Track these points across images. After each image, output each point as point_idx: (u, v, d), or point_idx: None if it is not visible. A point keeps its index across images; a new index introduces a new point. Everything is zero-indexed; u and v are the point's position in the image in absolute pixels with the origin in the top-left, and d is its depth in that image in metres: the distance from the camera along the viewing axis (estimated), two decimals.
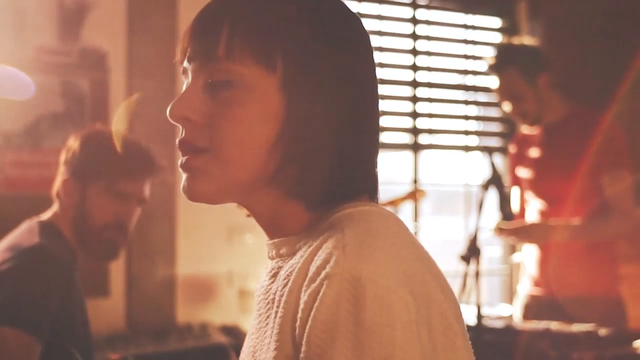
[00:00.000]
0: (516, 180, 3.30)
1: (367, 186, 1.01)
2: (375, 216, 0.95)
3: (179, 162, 0.98)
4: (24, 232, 2.07)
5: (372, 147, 1.02)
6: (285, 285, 0.94)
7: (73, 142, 2.17)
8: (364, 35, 1.04)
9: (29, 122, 3.08)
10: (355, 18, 1.04)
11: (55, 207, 2.16)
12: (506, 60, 3.12)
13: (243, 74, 0.95)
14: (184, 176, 0.98)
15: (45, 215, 2.15)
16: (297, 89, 0.96)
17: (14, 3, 3.08)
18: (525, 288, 3.22)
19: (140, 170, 2.16)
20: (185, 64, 1.00)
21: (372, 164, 1.03)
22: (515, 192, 3.31)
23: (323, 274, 0.87)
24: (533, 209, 3.19)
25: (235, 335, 3.23)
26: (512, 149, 3.35)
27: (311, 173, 0.96)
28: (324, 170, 0.96)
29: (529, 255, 3.21)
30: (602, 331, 2.62)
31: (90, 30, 3.22)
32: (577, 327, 2.66)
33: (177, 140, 0.98)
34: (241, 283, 3.53)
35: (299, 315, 0.88)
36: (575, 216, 3.03)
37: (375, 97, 1.03)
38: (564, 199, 3.07)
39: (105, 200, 2.11)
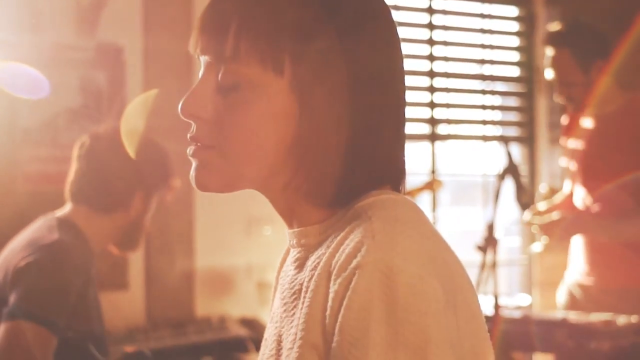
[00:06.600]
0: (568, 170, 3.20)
1: (390, 177, 1.00)
2: (398, 204, 0.96)
3: (188, 150, 0.99)
4: (42, 228, 2.09)
5: (394, 139, 1.00)
6: (312, 276, 0.94)
7: (94, 142, 2.15)
8: (385, 26, 1.00)
9: (47, 117, 3.10)
10: (378, 8, 0.99)
11: (71, 204, 2.17)
12: (561, 41, 2.98)
13: (249, 75, 0.94)
14: (193, 165, 0.98)
15: (62, 212, 2.17)
16: (308, 92, 0.94)
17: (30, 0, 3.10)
18: (572, 276, 3.14)
19: (168, 176, 2.22)
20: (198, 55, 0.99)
21: (395, 155, 1.00)
22: (567, 182, 3.24)
23: (354, 263, 0.87)
24: (579, 199, 3.10)
25: (254, 328, 3.24)
26: (563, 139, 3.22)
27: (327, 176, 0.96)
28: (340, 171, 0.95)
29: (576, 243, 3.12)
30: (621, 320, 2.60)
31: (106, 26, 3.24)
32: (595, 317, 2.65)
33: (188, 135, 0.99)
34: (260, 275, 3.54)
35: (329, 304, 0.88)
36: (617, 210, 2.94)
37: (397, 89, 1.00)
38: (609, 193, 2.97)
39: (141, 207, 2.16)
